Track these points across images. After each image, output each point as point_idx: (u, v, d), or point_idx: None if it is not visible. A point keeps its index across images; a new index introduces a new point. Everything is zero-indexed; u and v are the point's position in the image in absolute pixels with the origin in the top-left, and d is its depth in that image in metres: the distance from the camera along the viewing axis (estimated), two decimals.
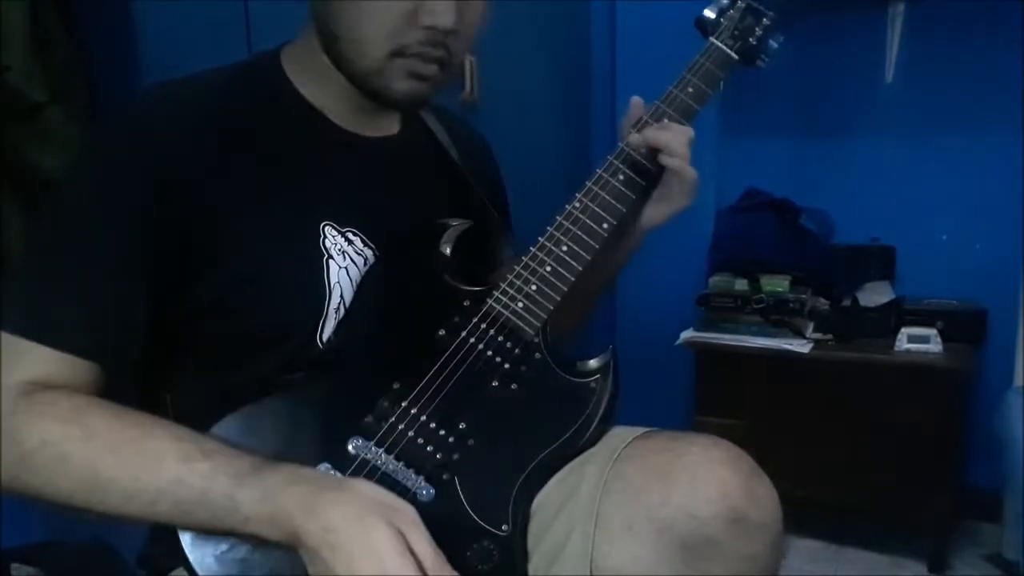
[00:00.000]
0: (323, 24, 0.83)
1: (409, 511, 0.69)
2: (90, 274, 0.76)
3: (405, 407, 0.79)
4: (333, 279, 0.83)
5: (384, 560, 0.64)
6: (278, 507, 0.68)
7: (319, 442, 0.77)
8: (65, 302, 0.75)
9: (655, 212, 0.95)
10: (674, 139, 0.90)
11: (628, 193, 0.90)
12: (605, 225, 0.89)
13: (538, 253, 0.87)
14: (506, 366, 0.83)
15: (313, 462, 0.75)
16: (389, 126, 0.95)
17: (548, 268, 0.86)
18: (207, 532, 0.71)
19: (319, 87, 0.89)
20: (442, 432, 0.80)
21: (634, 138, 0.91)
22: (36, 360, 0.73)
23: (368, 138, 0.92)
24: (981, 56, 2.24)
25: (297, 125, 0.88)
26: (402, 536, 0.66)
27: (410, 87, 0.83)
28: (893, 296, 2.31)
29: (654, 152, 0.91)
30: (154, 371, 0.82)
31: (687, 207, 0.94)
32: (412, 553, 0.66)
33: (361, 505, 0.67)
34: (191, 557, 0.72)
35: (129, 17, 1.36)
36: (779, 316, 2.21)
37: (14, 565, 1.19)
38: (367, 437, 0.78)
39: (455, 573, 0.68)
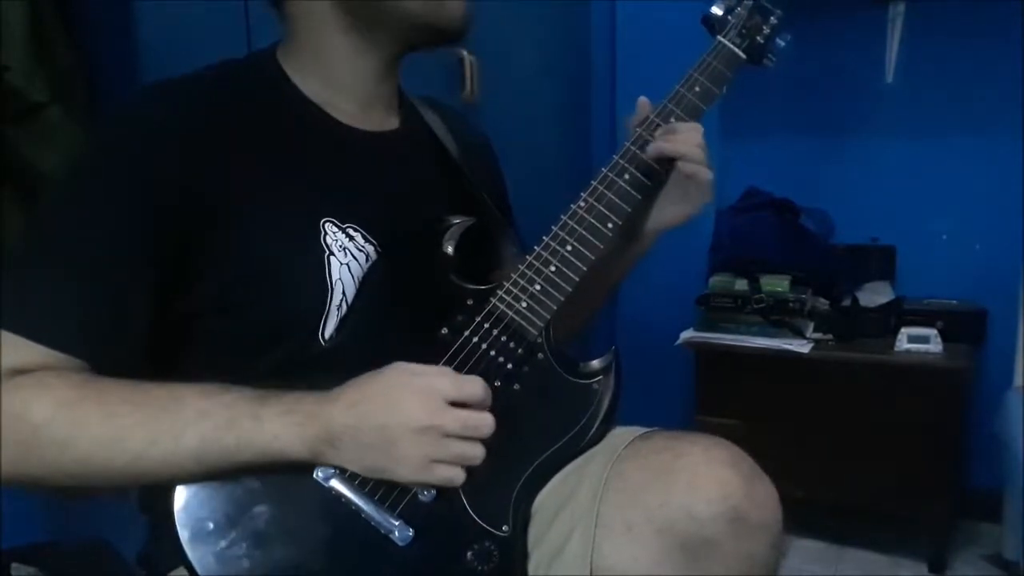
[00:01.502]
0: None
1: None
2: (85, 271, 0.76)
3: None
4: (335, 276, 0.83)
5: (429, 378, 0.75)
6: (301, 411, 0.72)
7: None
8: (60, 299, 0.75)
9: (672, 213, 0.95)
10: (688, 142, 0.89)
11: (634, 193, 0.90)
12: (610, 225, 0.88)
13: (543, 253, 0.87)
14: (509, 366, 0.83)
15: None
16: (388, 121, 0.95)
17: (553, 268, 0.86)
18: (231, 468, 0.72)
19: (319, 82, 0.89)
20: None
21: (651, 149, 0.91)
22: (27, 354, 0.73)
23: (368, 133, 0.92)
24: (981, 56, 2.24)
25: (296, 121, 0.88)
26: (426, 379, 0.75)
27: (460, 5, 0.87)
28: (893, 296, 2.31)
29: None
30: (155, 369, 0.82)
31: (705, 206, 0.94)
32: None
33: (380, 373, 0.75)
34: (191, 555, 0.72)
35: (129, 17, 1.36)
36: (779, 316, 2.21)
37: (14, 565, 1.18)
38: None
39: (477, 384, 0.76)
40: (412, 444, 0.73)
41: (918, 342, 2.10)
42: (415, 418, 0.72)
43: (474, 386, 0.76)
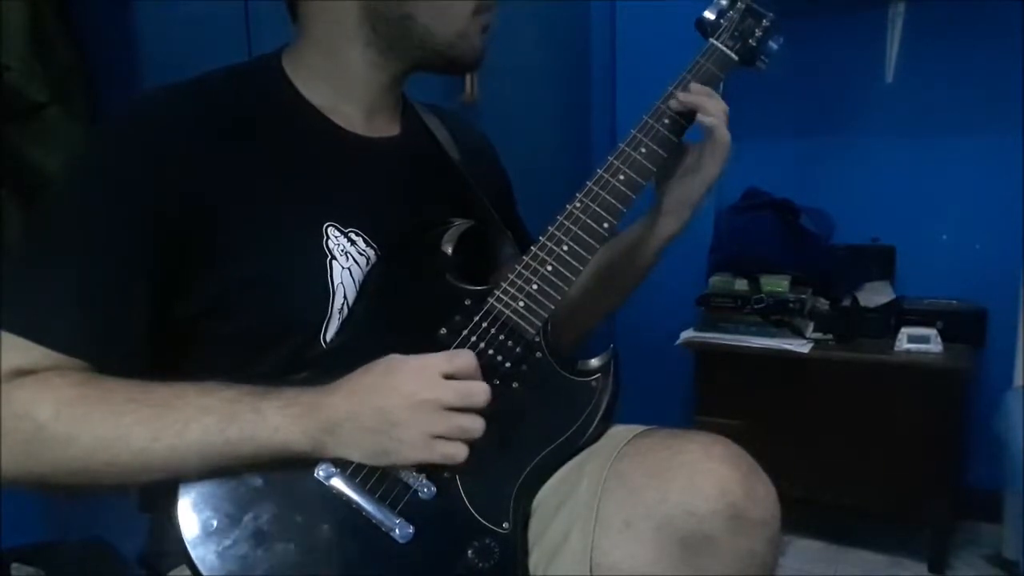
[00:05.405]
0: (392, 11, 0.86)
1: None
2: (86, 273, 0.76)
3: None
4: (336, 280, 0.84)
5: (421, 358, 0.76)
6: (302, 403, 0.73)
7: None
8: (61, 300, 0.75)
9: (690, 186, 0.97)
10: (711, 101, 0.91)
11: (629, 193, 0.90)
12: (606, 225, 0.89)
13: (539, 252, 0.87)
14: (507, 365, 0.83)
15: (315, 461, 0.75)
16: (390, 127, 0.96)
17: (549, 268, 0.86)
18: (234, 463, 0.73)
19: (326, 88, 0.89)
20: None
21: (674, 102, 0.92)
22: (28, 355, 0.73)
23: (370, 139, 0.92)
24: (981, 56, 2.24)
25: (299, 126, 0.88)
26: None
27: (482, 41, 0.90)
28: (893, 296, 2.31)
29: (659, 149, 0.92)
30: (156, 371, 0.82)
31: (718, 177, 0.95)
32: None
33: (375, 363, 0.76)
34: (193, 554, 0.72)
35: (129, 17, 1.36)
36: (779, 316, 2.21)
37: (14, 565, 1.19)
38: None
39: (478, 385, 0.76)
40: (412, 421, 0.73)
41: (918, 342, 2.10)
42: (411, 393, 0.73)
43: (465, 357, 0.77)
